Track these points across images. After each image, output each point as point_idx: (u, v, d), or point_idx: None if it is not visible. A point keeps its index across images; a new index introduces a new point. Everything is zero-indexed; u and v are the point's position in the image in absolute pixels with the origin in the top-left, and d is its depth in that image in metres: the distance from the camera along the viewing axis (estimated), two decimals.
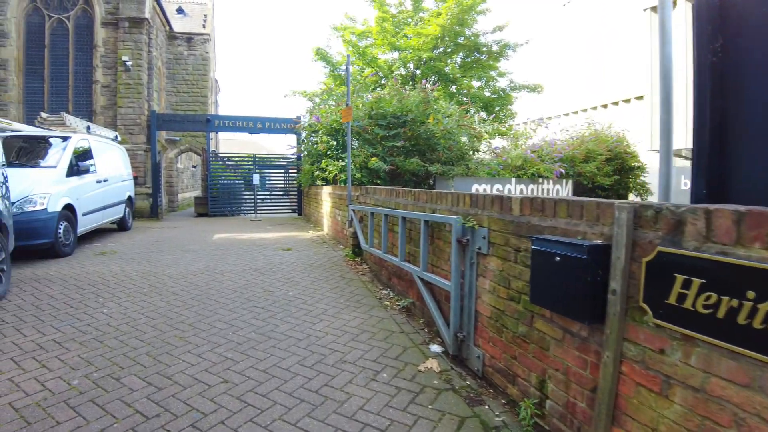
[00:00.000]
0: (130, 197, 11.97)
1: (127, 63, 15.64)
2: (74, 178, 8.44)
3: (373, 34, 21.37)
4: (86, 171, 8.78)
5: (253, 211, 16.53)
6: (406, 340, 4.09)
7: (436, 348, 3.89)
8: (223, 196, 16.86)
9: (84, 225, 8.80)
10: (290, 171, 17.69)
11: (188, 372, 3.41)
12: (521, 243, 2.90)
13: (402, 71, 21.76)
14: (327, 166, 10.73)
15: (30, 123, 12.45)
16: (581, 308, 2.30)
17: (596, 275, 2.20)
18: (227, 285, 5.87)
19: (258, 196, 16.65)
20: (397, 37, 21.23)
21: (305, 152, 14.56)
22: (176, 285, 5.87)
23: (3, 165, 5.91)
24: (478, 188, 11.15)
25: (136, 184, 15.10)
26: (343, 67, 24.60)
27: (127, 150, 15.28)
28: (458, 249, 3.59)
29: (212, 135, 20.53)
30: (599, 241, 2.25)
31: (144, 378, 3.32)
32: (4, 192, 5.76)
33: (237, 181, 17.42)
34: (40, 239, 7.25)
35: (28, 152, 8.69)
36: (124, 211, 11.49)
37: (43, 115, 9.33)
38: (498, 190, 11.61)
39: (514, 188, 11.83)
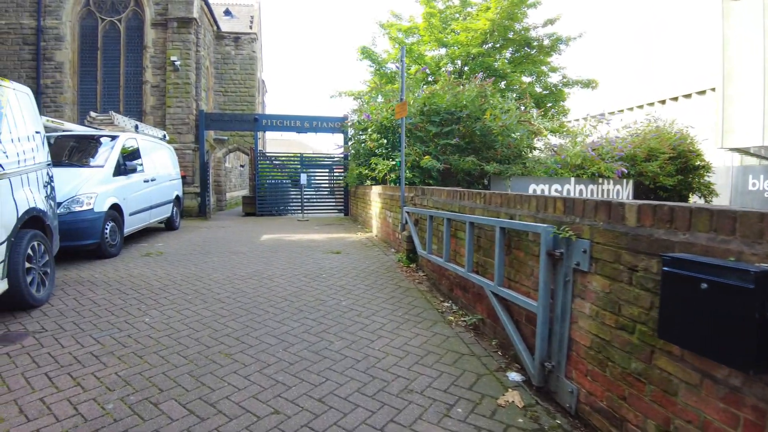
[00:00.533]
0: (178, 197, 11.85)
1: (176, 63, 15.65)
2: (121, 178, 8.27)
3: (420, 30, 20.72)
4: (133, 170, 8.61)
5: (300, 211, 16.27)
6: (479, 365, 3.54)
7: (515, 377, 3.32)
8: (270, 195, 16.68)
9: (131, 225, 8.64)
10: (337, 170, 17.35)
11: (234, 398, 2.97)
12: (639, 261, 2.31)
13: (449, 68, 21.19)
14: (376, 165, 10.25)
15: (82, 123, 12.55)
16: (737, 351, 1.72)
17: (765, 310, 1.62)
18: (276, 292, 5.46)
19: (305, 196, 16.37)
20: (444, 33, 20.33)
21: (352, 151, 14.17)
22: (222, 291, 5.51)
23: (48, 165, 5.69)
24: (536, 189, 10.47)
25: (184, 183, 15.08)
26: (390, 65, 24.32)
27: (176, 149, 15.28)
28: (548, 263, 3.02)
29: (259, 134, 20.47)
30: None
31: (185, 404, 2.90)
32: (49, 192, 5.54)
33: (284, 181, 17.22)
34: (86, 240, 7.07)
35: (77, 151, 8.59)
36: (172, 211, 11.36)
37: (92, 114, 9.23)
38: (557, 190, 10.89)
39: (573, 188, 11.10)
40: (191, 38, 16.01)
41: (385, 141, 10.47)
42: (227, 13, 23.61)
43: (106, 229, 7.50)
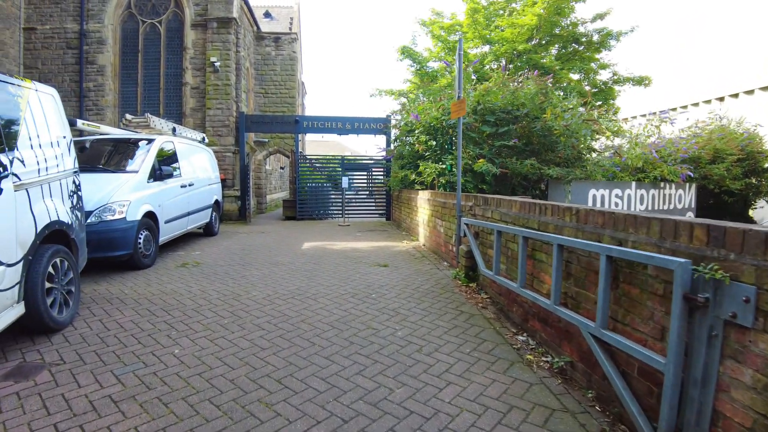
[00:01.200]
0: (217, 201, 11.43)
1: (216, 64, 15.32)
2: (157, 184, 7.82)
3: (463, 27, 20.10)
4: (170, 175, 8.15)
5: (340, 215, 15.69)
6: (576, 426, 2.77)
7: None
8: (310, 199, 16.18)
9: (166, 233, 8.19)
10: (377, 172, 16.71)
11: None
12: None
13: (493, 65, 20.37)
14: (424, 169, 9.54)
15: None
16: None
17: None
18: (322, 316, 4.81)
19: (346, 200, 15.79)
20: (488, 30, 19.62)
21: (396, 153, 13.49)
22: (262, 314, 4.89)
23: (75, 172, 5.21)
24: (596, 194, 9.57)
25: (224, 186, 14.72)
26: (432, 63, 23.60)
27: (215, 152, 14.94)
28: (683, 310, 2.24)
29: (300, 136, 20.03)
30: None
31: None
32: (75, 202, 5.05)
33: (324, 184, 16.71)
34: (118, 251, 6.62)
35: (111, 156, 8.21)
36: (211, 216, 10.94)
37: (128, 116, 8.85)
38: (617, 196, 9.96)
39: (634, 194, 10.15)
40: (231, 38, 15.66)
41: (434, 143, 9.75)
42: (267, 15, 23.34)
43: (140, 238, 7.04)
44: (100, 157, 8.17)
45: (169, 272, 6.96)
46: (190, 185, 9.28)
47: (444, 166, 9.35)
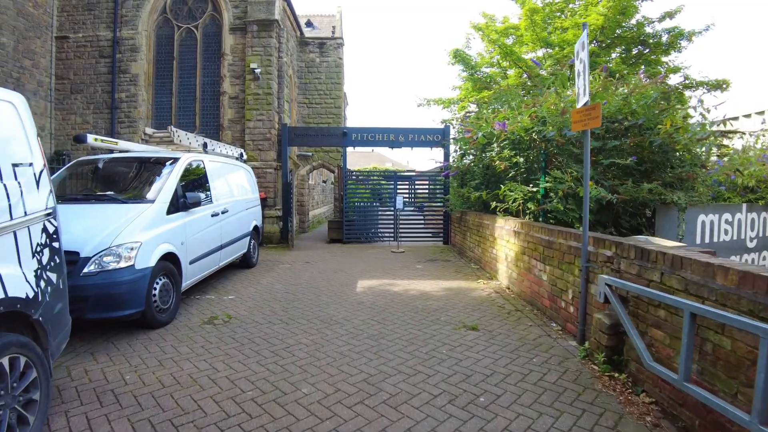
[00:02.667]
0: (256, 227, 9.84)
1: (256, 70, 13.86)
2: (180, 215, 6.20)
3: (520, 29, 18.39)
4: (197, 203, 6.52)
5: (392, 238, 13.91)
6: None
7: None
8: (359, 219, 14.46)
9: (192, 275, 6.56)
10: (432, 191, 14.85)
11: None
12: None
13: (550, 70, 18.39)
14: (510, 191, 7.66)
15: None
16: None
17: None
18: None
19: (399, 220, 14.00)
20: (546, 32, 17.97)
21: (460, 169, 11.64)
22: None
23: (49, 214, 3.56)
24: (704, 220, 7.53)
25: (264, 206, 13.18)
26: (485, 69, 21.75)
27: (256, 168, 13.44)
28: None
29: (336, 148, 18.42)
30: None
31: None
32: (46, 260, 3.41)
33: (373, 203, 15.01)
34: (124, 309, 4.98)
35: (125, 180, 6.66)
36: (249, 245, 9.35)
37: (148, 130, 7.37)
38: (727, 221, 7.89)
39: (744, 218, 8.09)
40: (272, 43, 14.18)
41: (521, 159, 7.83)
42: (309, 24, 21.98)
43: (155, 289, 5.42)
44: (113, 180, 6.64)
45: (192, 334, 5.28)
46: (223, 213, 7.67)
47: (536, 190, 7.44)
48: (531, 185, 7.58)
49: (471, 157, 12.26)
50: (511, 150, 7.97)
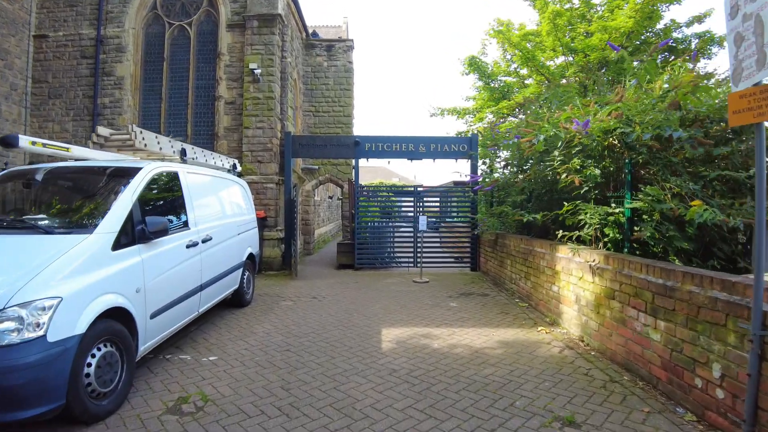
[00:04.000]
0: (252, 255, 7.96)
1: (256, 71, 12.09)
2: (135, 250, 4.30)
3: (541, 35, 16.93)
4: (162, 231, 4.59)
5: (412, 263, 12.00)
6: None
7: None
8: (373, 242, 12.57)
9: (156, 334, 4.64)
10: (461, 209, 12.96)
11: None
12: None
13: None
14: (583, 212, 5.78)
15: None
16: None
17: None
18: None
19: (418, 243, 12.10)
20: (570, 37, 16.61)
21: (491, 182, 9.80)
22: None
23: None
24: None
25: (264, 226, 11.32)
26: (501, 77, 20.24)
27: (254, 183, 11.61)
28: None
29: (345, 161, 16.58)
30: None
31: None
32: None
33: (389, 222, 13.14)
34: (28, 408, 3.09)
35: (61, 199, 4.79)
36: (242, 279, 7.45)
37: (102, 131, 5.53)
38: None
39: None
40: (275, 40, 12.43)
41: (598, 172, 5.92)
42: (314, 35, 20.34)
43: (89, 366, 3.53)
44: (49, 199, 4.77)
45: None
46: (205, 241, 5.79)
47: (619, 211, 5.55)
48: (615, 206, 5.68)
49: (506, 170, 10.43)
50: (585, 158, 6.07)
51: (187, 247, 5.27)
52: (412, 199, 12.51)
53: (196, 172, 6.06)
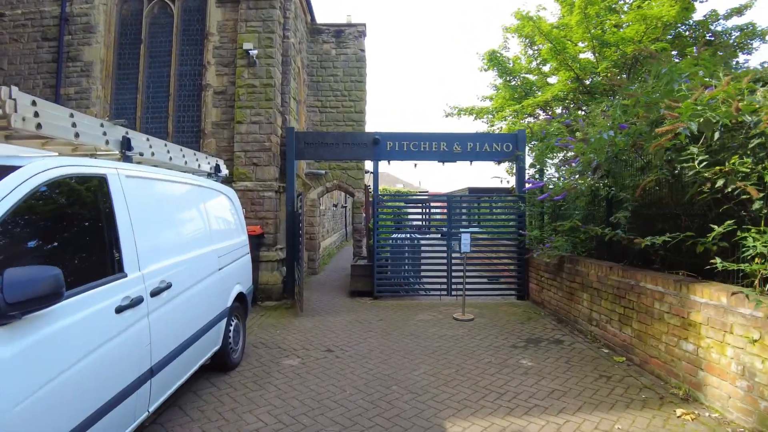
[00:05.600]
0: (241, 295, 5.58)
1: (251, 52, 9.77)
2: None
3: (571, 25, 15.22)
4: (48, 297, 2.21)
5: (445, 291, 9.64)
6: None
7: None
8: (395, 263, 10.23)
9: None
10: (507, 223, 10.60)
11: None
12: None
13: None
14: (748, 238, 3.49)
15: None
16: None
17: None
18: None
19: (452, 261, 9.74)
20: (600, 29, 14.97)
21: (563, 190, 7.47)
22: None
23: None
24: None
25: (260, 244, 8.98)
26: (522, 75, 18.42)
27: (249, 191, 9.27)
28: None
29: (356, 165, 14.22)
30: None
31: None
32: None
33: (414, 237, 10.77)
34: None
35: None
36: (227, 332, 5.07)
37: None
38: None
39: None
40: (275, 15, 10.11)
41: None
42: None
43: None
44: None
45: None
46: (158, 293, 3.41)
47: None
48: None
49: (574, 173, 8.10)
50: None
51: (118, 311, 2.89)
52: (444, 208, 10.09)
53: (147, 176, 3.69)
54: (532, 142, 12.39)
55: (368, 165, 17.81)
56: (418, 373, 5.35)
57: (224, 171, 5.96)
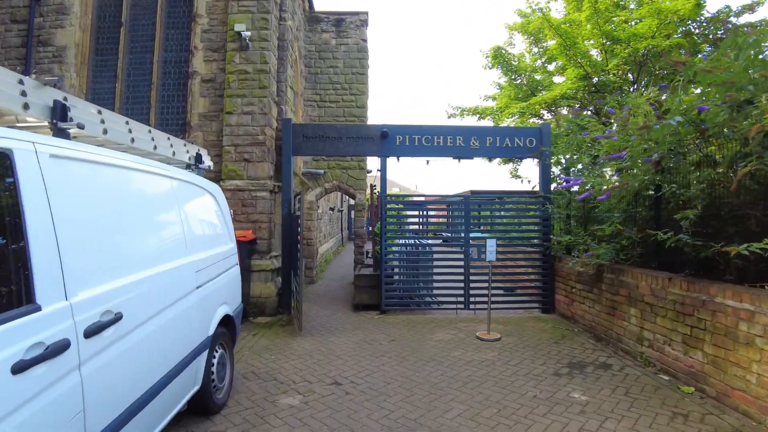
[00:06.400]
0: (229, 318, 4.43)
1: (244, 34, 8.66)
2: None
3: (580, 20, 14.62)
4: None
5: (462, 304, 8.55)
6: None
7: None
8: (406, 272, 9.13)
9: None
10: (528, 225, 9.53)
11: None
12: None
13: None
14: None
15: None
16: None
17: None
18: None
19: (470, 271, 8.64)
20: (610, 25, 14.33)
21: (608, 188, 6.41)
22: None
23: None
24: None
25: (252, 251, 7.88)
26: (527, 73, 17.67)
27: (240, 190, 8.16)
28: None
29: (358, 164, 13.10)
30: None
31: None
32: None
33: (426, 242, 9.66)
34: None
35: None
36: (208, 368, 3.92)
37: None
38: None
39: None
40: None
41: None
42: None
43: None
44: None
45: None
46: (101, 329, 2.27)
47: None
48: None
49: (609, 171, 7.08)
50: None
51: (18, 370, 1.76)
52: (461, 210, 8.97)
53: (90, 158, 2.56)
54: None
55: (370, 164, 16.76)
56: (451, 416, 4.24)
57: (207, 162, 4.83)
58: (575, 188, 7.34)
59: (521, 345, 6.60)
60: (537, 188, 9.09)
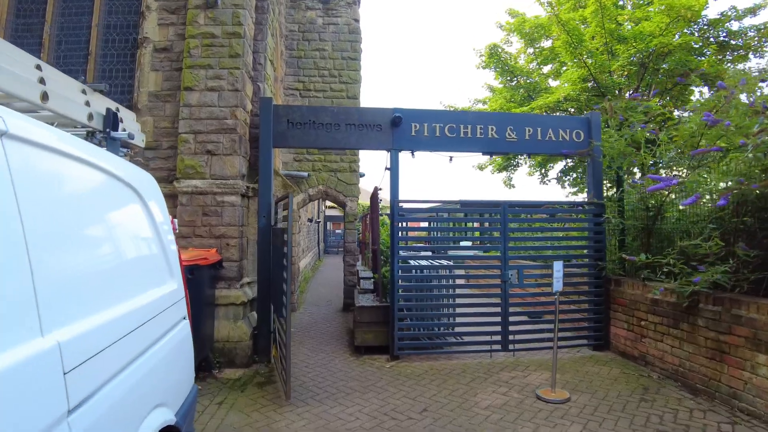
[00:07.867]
0: (168, 430, 2.23)
1: None
2: None
3: (585, 15, 13.88)
4: None
5: (499, 344, 6.48)
6: None
7: None
8: (424, 303, 6.96)
9: None
10: (579, 240, 7.54)
11: None
12: None
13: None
14: None
15: None
16: None
17: None
18: None
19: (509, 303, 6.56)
20: (615, 23, 13.89)
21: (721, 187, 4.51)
22: None
23: None
24: None
25: (217, 278, 5.71)
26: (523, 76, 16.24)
27: (199, 193, 5.96)
28: None
29: (349, 166, 10.93)
30: None
31: None
32: None
33: (439, 267, 7.53)
34: None
35: None
36: None
37: None
38: None
39: None
40: None
41: None
42: None
43: None
44: None
45: None
46: None
47: None
48: None
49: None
50: None
51: None
52: (497, 222, 6.88)
53: None
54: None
55: (368, 165, 14.63)
56: None
57: (134, 133, 2.64)
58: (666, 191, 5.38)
59: (603, 408, 4.58)
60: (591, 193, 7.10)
